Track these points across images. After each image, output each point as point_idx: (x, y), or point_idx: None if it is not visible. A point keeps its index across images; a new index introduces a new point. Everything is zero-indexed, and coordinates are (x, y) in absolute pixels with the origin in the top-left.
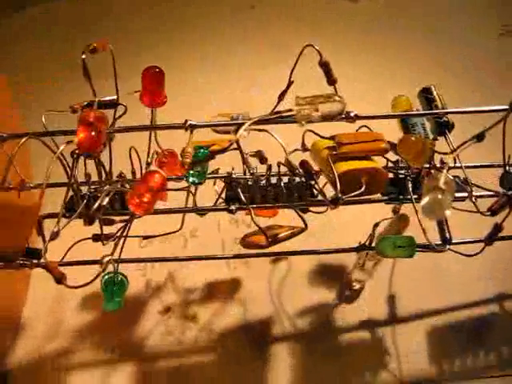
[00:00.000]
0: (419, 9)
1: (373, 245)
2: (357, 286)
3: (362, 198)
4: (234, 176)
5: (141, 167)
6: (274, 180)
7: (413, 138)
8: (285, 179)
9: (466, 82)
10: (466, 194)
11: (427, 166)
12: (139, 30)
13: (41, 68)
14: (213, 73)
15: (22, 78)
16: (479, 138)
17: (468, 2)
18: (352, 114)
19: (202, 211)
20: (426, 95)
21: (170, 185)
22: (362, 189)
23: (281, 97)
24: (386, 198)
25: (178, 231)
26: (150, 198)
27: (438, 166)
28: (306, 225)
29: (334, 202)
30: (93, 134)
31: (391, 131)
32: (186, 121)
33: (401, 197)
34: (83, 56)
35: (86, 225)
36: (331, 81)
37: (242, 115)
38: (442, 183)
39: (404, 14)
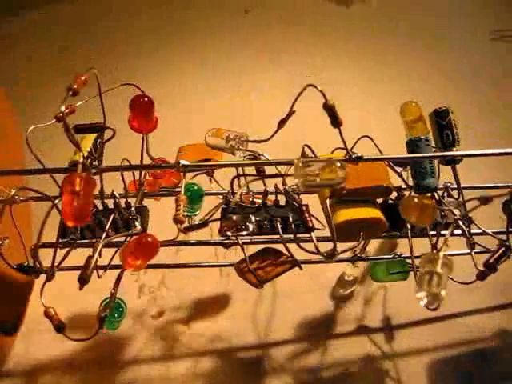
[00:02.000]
0: (412, 14)
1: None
2: (350, 277)
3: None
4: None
5: (135, 182)
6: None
7: (415, 200)
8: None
9: (462, 87)
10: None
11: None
12: (139, 33)
13: (41, 70)
14: (213, 77)
15: (22, 81)
16: (487, 201)
17: (461, 7)
18: (354, 156)
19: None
20: (438, 120)
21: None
22: (360, 240)
23: (280, 124)
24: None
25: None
26: (143, 262)
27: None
28: (300, 267)
29: (330, 257)
30: (75, 204)
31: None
32: (178, 162)
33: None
34: (62, 109)
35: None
36: (336, 123)
37: (238, 136)
38: (440, 267)
39: (400, 17)
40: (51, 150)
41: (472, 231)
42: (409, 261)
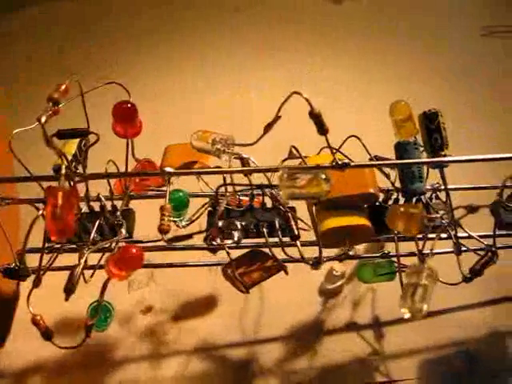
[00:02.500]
0: (411, 14)
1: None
2: (338, 272)
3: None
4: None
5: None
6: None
7: (401, 209)
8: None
9: (458, 87)
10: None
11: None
12: (139, 31)
13: (40, 69)
14: (212, 74)
15: (22, 79)
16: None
17: (451, 4)
18: (341, 162)
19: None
20: (427, 123)
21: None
22: (346, 248)
23: (267, 128)
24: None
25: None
26: (127, 273)
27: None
28: (286, 272)
29: (316, 265)
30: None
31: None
32: (163, 169)
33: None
34: (43, 119)
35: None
36: (322, 131)
37: (223, 139)
38: (424, 278)
39: (399, 17)
40: (40, 150)
41: (459, 235)
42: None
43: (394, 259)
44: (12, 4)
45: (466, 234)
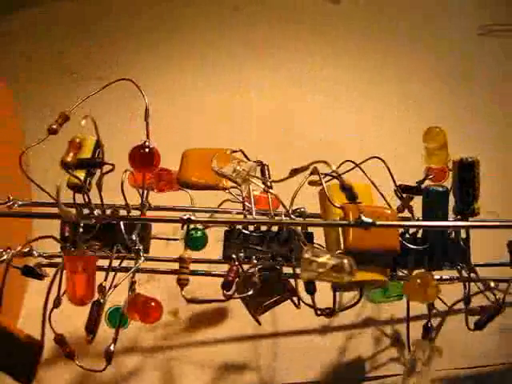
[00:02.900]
0: (412, 14)
1: None
2: None
3: None
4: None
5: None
6: None
7: (418, 281)
8: None
9: (452, 83)
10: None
11: None
12: (139, 30)
13: (41, 68)
14: (213, 74)
15: (22, 78)
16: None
17: (450, 3)
18: (365, 222)
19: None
20: (462, 173)
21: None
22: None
23: (292, 173)
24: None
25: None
26: (143, 321)
27: None
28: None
29: (330, 315)
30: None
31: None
32: (182, 217)
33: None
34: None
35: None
36: (353, 199)
37: (246, 170)
38: (427, 356)
39: (400, 18)
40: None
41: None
42: None
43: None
44: (12, 4)
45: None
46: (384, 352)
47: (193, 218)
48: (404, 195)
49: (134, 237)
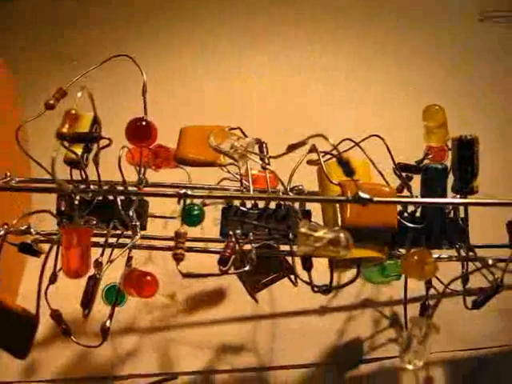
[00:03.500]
0: (412, 3)
1: None
2: None
3: None
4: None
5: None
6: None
7: (415, 258)
8: None
9: (453, 71)
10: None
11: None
12: (139, 18)
13: (40, 55)
14: (212, 61)
15: (22, 66)
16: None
17: None
18: (363, 197)
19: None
20: (462, 150)
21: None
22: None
23: (289, 149)
24: None
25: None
26: (139, 295)
27: None
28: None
29: (326, 292)
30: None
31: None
32: (178, 192)
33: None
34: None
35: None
36: (350, 174)
37: (244, 146)
38: (423, 333)
39: (400, 7)
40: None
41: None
42: None
43: None
44: None
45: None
46: (382, 333)
47: (189, 192)
48: (403, 174)
49: (130, 213)
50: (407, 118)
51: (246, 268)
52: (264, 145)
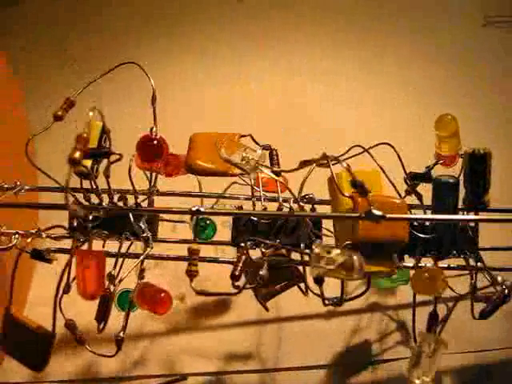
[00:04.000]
0: (412, 6)
1: None
2: None
3: None
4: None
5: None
6: None
7: (426, 275)
8: None
9: (454, 74)
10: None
11: None
12: (139, 24)
13: (40, 61)
14: (212, 66)
15: (22, 70)
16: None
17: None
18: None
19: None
20: (474, 165)
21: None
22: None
23: (302, 165)
24: None
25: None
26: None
27: None
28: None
29: (337, 305)
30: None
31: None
32: (191, 209)
33: None
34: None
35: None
36: (365, 194)
37: (255, 160)
38: (432, 349)
39: (400, 10)
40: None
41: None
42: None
43: None
44: None
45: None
46: (390, 336)
47: (202, 209)
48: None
49: (142, 225)
50: (407, 120)
51: (259, 283)
52: (275, 152)
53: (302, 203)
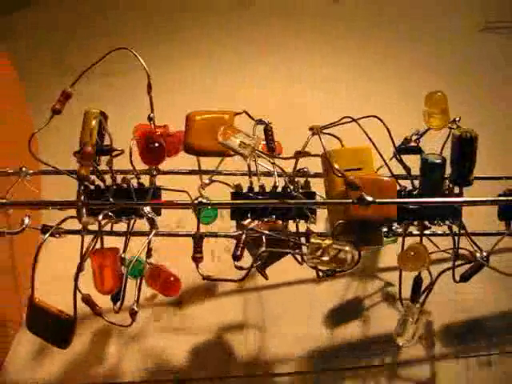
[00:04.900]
0: (412, 12)
1: None
2: None
3: None
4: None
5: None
6: None
7: (412, 253)
8: None
9: (450, 80)
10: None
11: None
12: (139, 29)
13: (40, 69)
14: (213, 72)
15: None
16: None
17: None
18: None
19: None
20: (461, 147)
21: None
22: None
23: (296, 155)
24: None
25: None
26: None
27: None
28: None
29: (331, 275)
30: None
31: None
32: (194, 202)
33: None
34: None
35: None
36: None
37: (252, 146)
38: (415, 318)
39: (400, 17)
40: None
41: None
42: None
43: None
44: (11, 5)
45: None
46: (377, 294)
47: (204, 201)
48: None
49: (146, 209)
50: (406, 127)
51: (258, 263)
52: (269, 128)
53: (296, 181)
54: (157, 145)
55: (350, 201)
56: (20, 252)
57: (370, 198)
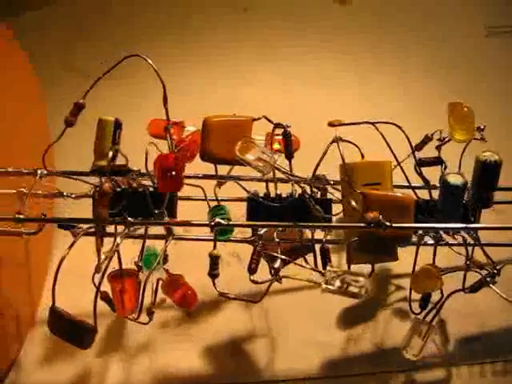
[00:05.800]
0: (412, 12)
1: None
2: None
3: None
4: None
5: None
6: None
7: (424, 276)
8: None
9: (456, 83)
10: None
11: None
12: (138, 32)
13: (43, 68)
14: (212, 75)
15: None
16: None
17: (455, 3)
18: (382, 223)
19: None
20: (483, 173)
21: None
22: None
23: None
24: None
25: None
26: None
27: None
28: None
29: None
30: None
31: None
32: (210, 223)
33: None
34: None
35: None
36: None
37: (268, 161)
38: (425, 331)
39: (400, 18)
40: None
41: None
42: None
43: None
44: (16, 6)
45: None
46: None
47: (222, 221)
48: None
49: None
50: (410, 130)
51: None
52: (288, 132)
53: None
54: (174, 173)
55: (367, 225)
56: (33, 249)
57: (387, 223)
